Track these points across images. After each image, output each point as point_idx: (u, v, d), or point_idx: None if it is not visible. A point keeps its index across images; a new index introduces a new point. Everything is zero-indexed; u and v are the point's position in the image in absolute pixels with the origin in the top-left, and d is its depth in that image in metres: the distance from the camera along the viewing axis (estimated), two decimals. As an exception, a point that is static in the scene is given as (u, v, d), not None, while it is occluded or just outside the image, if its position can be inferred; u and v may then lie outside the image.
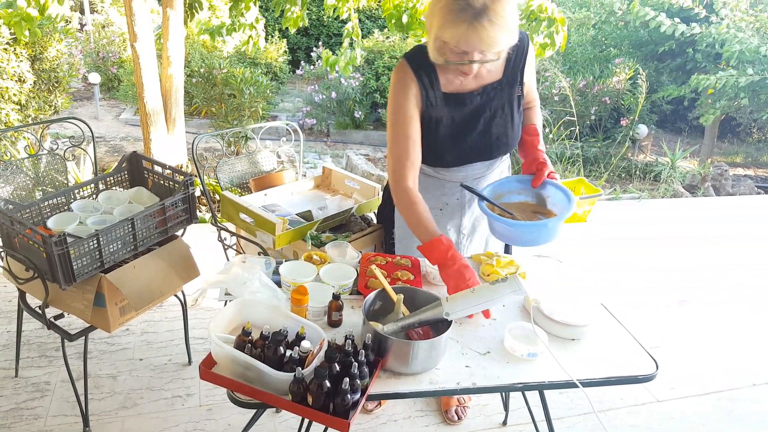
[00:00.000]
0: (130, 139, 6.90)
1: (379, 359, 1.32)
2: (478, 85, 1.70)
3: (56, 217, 1.92)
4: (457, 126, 1.71)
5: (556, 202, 1.72)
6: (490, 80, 1.71)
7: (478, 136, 1.74)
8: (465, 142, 1.73)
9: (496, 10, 1.41)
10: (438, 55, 1.55)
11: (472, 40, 1.45)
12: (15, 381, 2.29)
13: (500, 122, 1.75)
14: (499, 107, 1.74)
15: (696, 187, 6.29)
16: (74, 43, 8.20)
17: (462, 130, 1.72)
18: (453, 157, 1.77)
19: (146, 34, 3.67)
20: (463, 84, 1.69)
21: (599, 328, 1.57)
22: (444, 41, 1.49)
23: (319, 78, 8.62)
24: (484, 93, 1.71)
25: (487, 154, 1.79)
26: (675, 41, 7.49)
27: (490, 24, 1.42)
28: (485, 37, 1.44)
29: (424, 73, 1.64)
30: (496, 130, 1.75)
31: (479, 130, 1.73)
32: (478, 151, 1.77)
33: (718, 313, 3.29)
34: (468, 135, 1.73)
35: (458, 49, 1.49)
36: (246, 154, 2.68)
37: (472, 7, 1.41)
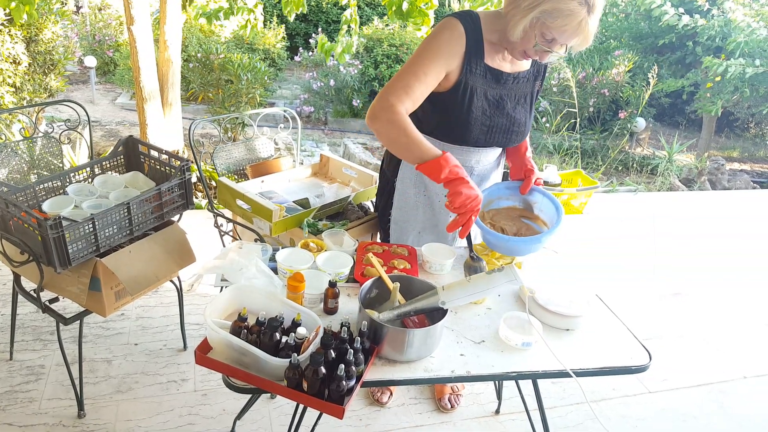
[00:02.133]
0: (126, 123, 6.86)
1: (374, 347, 1.33)
2: (513, 70, 1.72)
3: (51, 201, 1.91)
4: (489, 102, 1.71)
5: (542, 208, 1.80)
6: (521, 68, 1.74)
7: (505, 118, 1.75)
8: (492, 120, 1.73)
9: (598, 10, 1.48)
10: (525, 35, 1.53)
11: (577, 33, 1.48)
12: (9, 364, 2.29)
13: (522, 110, 1.79)
14: (523, 96, 1.78)
15: (692, 181, 6.31)
16: (70, 25, 8.13)
17: (492, 107, 1.72)
18: (479, 134, 1.73)
19: (143, 18, 3.63)
20: (500, 65, 1.69)
21: (593, 319, 1.58)
22: (548, 26, 1.48)
23: (318, 65, 8.57)
24: (517, 79, 1.73)
25: (507, 139, 1.80)
26: (675, 34, 7.47)
27: (593, 22, 1.48)
28: (587, 34, 1.49)
29: (473, 38, 1.62)
30: (519, 116, 1.78)
31: (507, 113, 1.75)
32: (502, 133, 1.78)
33: (712, 306, 3.31)
34: (497, 114, 1.73)
35: (552, 36, 1.50)
36: (243, 141, 2.67)
37: (589, 3, 1.44)
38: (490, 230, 1.70)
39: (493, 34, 1.64)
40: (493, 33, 1.63)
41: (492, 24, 1.63)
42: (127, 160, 2.20)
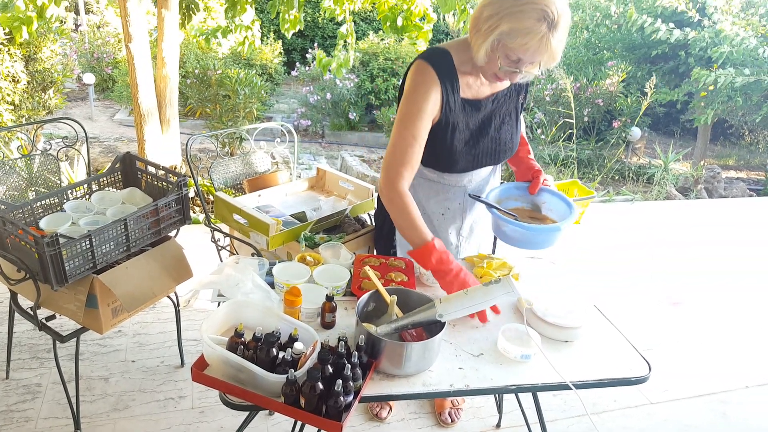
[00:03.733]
0: (124, 139, 6.88)
1: (372, 361, 1.32)
2: (492, 91, 1.72)
3: (49, 218, 1.91)
4: (470, 131, 1.72)
5: (551, 207, 1.81)
6: (501, 87, 1.73)
7: (489, 141, 1.75)
8: (477, 147, 1.74)
9: (563, 25, 1.44)
10: (489, 59, 1.53)
11: (540, 50, 1.44)
12: (6, 383, 2.27)
13: (508, 128, 1.79)
14: (507, 113, 1.78)
15: (689, 189, 6.33)
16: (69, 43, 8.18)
17: (475, 136, 1.73)
18: (465, 163, 1.76)
19: (141, 35, 3.66)
20: (479, 90, 1.69)
21: (592, 330, 1.57)
22: (509, 47, 1.46)
23: (315, 79, 8.62)
24: (496, 99, 1.73)
25: (495, 159, 1.81)
26: (668, 44, 7.54)
27: (558, 38, 1.44)
28: (553, 51, 1.45)
29: (447, 78, 1.62)
30: (505, 135, 1.78)
31: (491, 136, 1.75)
32: (488, 156, 1.78)
33: (711, 314, 3.31)
34: (481, 140, 1.74)
35: (516, 57, 1.48)
36: (240, 155, 2.68)
37: (548, 19, 1.41)
38: (515, 221, 1.69)
39: (466, 64, 1.63)
40: (466, 63, 1.63)
41: (463, 54, 1.62)
42: (125, 177, 2.21)
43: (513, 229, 1.70)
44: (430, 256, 1.55)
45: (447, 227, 1.90)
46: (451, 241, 1.92)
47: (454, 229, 1.92)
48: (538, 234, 1.71)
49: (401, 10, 4.21)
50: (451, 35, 10.40)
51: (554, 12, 1.41)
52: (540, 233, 1.71)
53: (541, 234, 1.71)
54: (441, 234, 1.91)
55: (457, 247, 1.96)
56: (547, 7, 1.40)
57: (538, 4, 1.40)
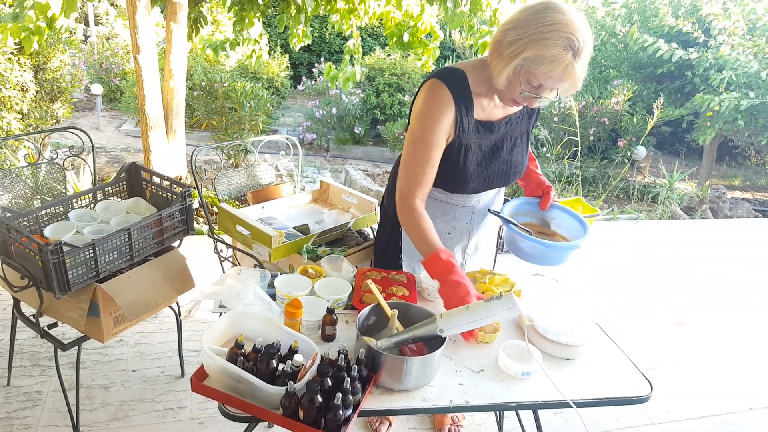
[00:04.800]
0: (130, 150, 6.92)
1: (372, 375, 1.32)
2: (505, 114, 1.72)
3: (53, 226, 1.92)
4: (483, 153, 1.72)
5: (560, 223, 1.83)
6: (515, 110, 1.73)
7: (501, 164, 1.76)
8: (489, 169, 1.74)
9: (586, 54, 1.44)
10: (510, 83, 1.51)
11: (564, 78, 1.44)
12: (7, 390, 2.27)
13: (519, 150, 1.79)
14: (519, 136, 1.78)
15: (694, 209, 6.31)
16: (78, 54, 8.28)
17: (488, 157, 1.73)
18: (477, 184, 1.76)
19: (149, 47, 3.70)
20: (492, 112, 1.69)
21: (594, 349, 1.57)
22: (533, 73, 1.45)
23: (320, 93, 8.68)
24: (509, 122, 1.73)
25: (505, 180, 1.82)
26: (674, 64, 7.58)
27: (581, 66, 1.44)
28: (576, 79, 1.45)
29: (461, 99, 1.61)
30: (516, 158, 1.78)
31: (503, 158, 1.75)
32: (499, 178, 1.79)
33: (715, 335, 3.28)
34: (493, 162, 1.74)
35: (538, 83, 1.47)
36: (245, 167, 2.69)
37: (573, 48, 1.40)
38: (530, 237, 1.68)
39: (481, 86, 1.63)
40: (481, 85, 1.63)
41: (479, 75, 1.62)
42: (130, 186, 2.22)
43: (531, 245, 1.70)
44: (435, 266, 1.55)
45: (453, 246, 1.91)
46: (457, 259, 1.92)
47: (460, 248, 1.92)
48: (555, 251, 1.70)
49: (408, 26, 4.25)
50: (457, 52, 10.47)
51: (579, 40, 1.40)
52: (558, 250, 1.71)
53: (558, 251, 1.71)
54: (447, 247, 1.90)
55: (462, 265, 1.96)
56: (573, 35, 1.40)
57: (564, 32, 1.40)
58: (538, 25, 1.41)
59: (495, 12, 4.03)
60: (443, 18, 3.92)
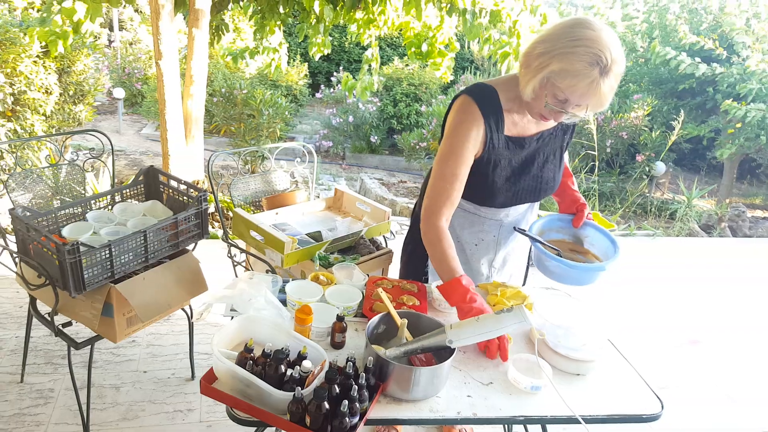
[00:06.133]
0: (149, 153, 7.02)
1: (380, 383, 1.32)
2: (538, 130, 1.70)
3: (71, 226, 1.96)
4: (513, 168, 1.71)
5: (593, 242, 1.81)
6: (547, 126, 1.71)
7: (531, 180, 1.74)
8: (518, 185, 1.73)
9: (615, 72, 1.42)
10: (536, 95, 1.52)
11: (589, 94, 1.43)
12: (20, 386, 2.30)
13: (551, 167, 1.77)
14: (552, 152, 1.76)
15: (712, 227, 6.22)
16: (102, 58, 8.44)
17: (517, 173, 1.72)
18: (505, 199, 1.75)
19: (171, 53, 3.76)
20: (525, 128, 1.68)
21: (605, 365, 1.55)
22: (558, 86, 1.45)
23: (338, 102, 8.75)
24: (541, 138, 1.72)
25: (536, 196, 1.80)
26: (695, 80, 7.51)
27: (608, 84, 1.42)
28: (602, 96, 1.43)
29: (492, 116, 1.61)
30: (547, 174, 1.77)
31: (533, 174, 1.74)
32: (529, 194, 1.78)
33: (731, 355, 3.22)
34: (522, 177, 1.73)
35: (564, 97, 1.46)
36: (261, 173, 2.72)
37: (600, 64, 1.39)
38: (554, 256, 1.68)
39: (513, 102, 1.63)
40: (513, 101, 1.63)
41: (510, 91, 1.62)
42: (147, 189, 2.25)
43: (556, 264, 1.69)
44: (455, 292, 1.54)
45: (479, 258, 1.89)
46: (482, 272, 1.91)
47: (487, 260, 1.90)
48: (581, 272, 1.69)
49: (426, 36, 4.28)
50: (475, 63, 10.49)
51: (608, 58, 1.39)
52: (584, 272, 1.69)
53: (584, 272, 1.70)
54: (473, 264, 1.89)
55: (488, 277, 1.94)
56: (602, 51, 1.38)
57: (592, 47, 1.38)
58: (567, 40, 1.41)
59: (515, 23, 4.04)
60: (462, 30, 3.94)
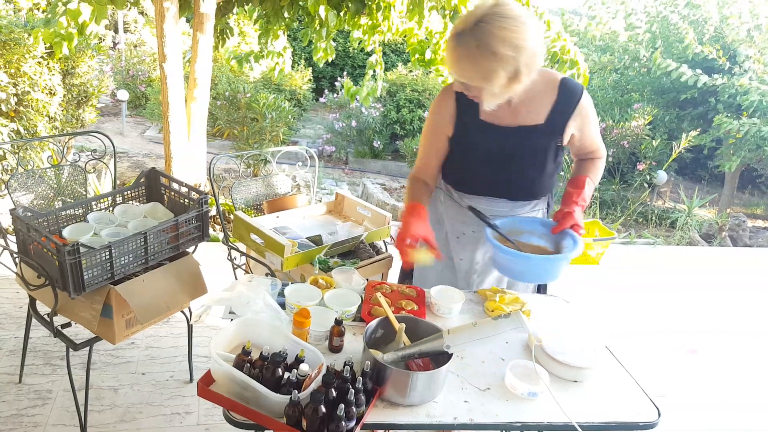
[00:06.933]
0: (152, 155, 7.04)
1: (377, 388, 1.32)
2: (515, 123, 1.70)
3: (72, 227, 1.96)
4: (490, 156, 1.73)
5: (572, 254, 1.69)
6: (529, 122, 1.69)
7: (506, 174, 1.76)
8: (493, 175, 1.76)
9: (466, 43, 1.46)
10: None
11: (452, 63, 1.52)
12: (18, 387, 2.30)
13: (531, 167, 1.75)
14: (534, 152, 1.73)
15: (713, 236, 6.22)
16: (106, 60, 8.47)
17: (494, 163, 1.74)
18: (481, 187, 1.80)
19: (175, 56, 3.78)
20: (500, 117, 1.69)
21: (602, 372, 1.55)
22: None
23: (342, 107, 8.77)
24: (520, 133, 1.70)
25: (510, 194, 1.81)
26: (697, 90, 7.52)
27: (455, 49, 1.49)
28: (448, 56, 1.52)
29: (465, 99, 1.66)
30: (526, 173, 1.76)
31: (509, 169, 1.75)
32: (503, 188, 1.79)
33: (730, 364, 3.21)
34: (499, 170, 1.75)
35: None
36: (262, 177, 2.73)
37: (457, 28, 1.48)
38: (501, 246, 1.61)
39: None
40: None
41: None
42: (149, 191, 2.26)
43: (501, 255, 1.63)
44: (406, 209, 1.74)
45: (460, 251, 1.91)
46: (462, 268, 1.92)
47: (467, 257, 1.92)
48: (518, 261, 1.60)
49: (429, 43, 4.29)
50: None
51: (460, 26, 1.46)
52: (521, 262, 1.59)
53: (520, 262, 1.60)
54: (455, 260, 1.92)
55: (468, 274, 1.93)
56: (462, 22, 1.47)
57: (459, 21, 1.48)
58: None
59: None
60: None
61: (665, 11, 8.22)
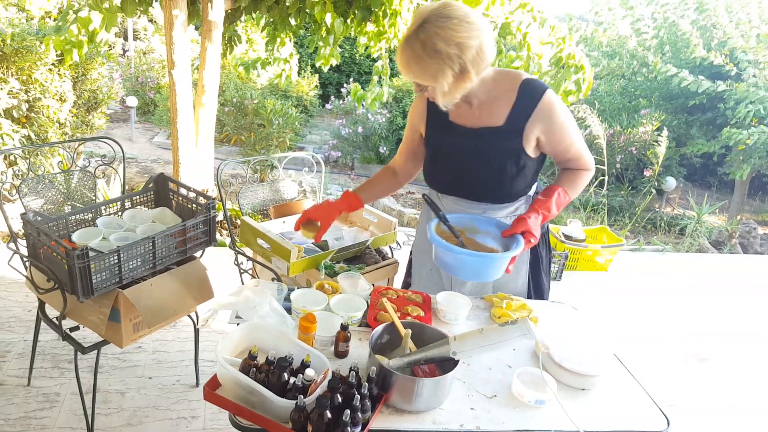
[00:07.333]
0: (160, 161, 7.09)
1: (382, 394, 1.31)
2: (477, 125, 1.70)
3: (81, 232, 1.98)
4: (457, 157, 1.76)
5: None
6: (488, 123, 1.68)
7: (469, 175, 1.77)
8: (459, 175, 1.79)
9: (411, 44, 1.48)
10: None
11: (400, 63, 1.55)
12: (27, 390, 2.32)
13: (491, 169, 1.73)
14: (495, 154, 1.71)
15: (723, 243, 6.17)
16: (115, 67, 8.55)
17: (461, 164, 1.76)
18: (451, 187, 1.84)
19: (184, 63, 3.81)
20: (464, 118, 1.71)
21: (610, 380, 1.54)
22: None
23: (348, 113, 8.79)
24: (480, 134, 1.70)
25: (474, 195, 1.81)
26: (706, 95, 7.49)
27: (403, 50, 1.51)
28: (398, 57, 1.55)
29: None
30: (487, 175, 1.74)
31: (471, 170, 1.76)
32: (467, 189, 1.81)
33: (741, 373, 3.18)
34: (465, 170, 1.77)
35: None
36: (269, 182, 2.74)
37: (407, 38, 1.50)
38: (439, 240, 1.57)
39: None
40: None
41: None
42: (157, 196, 2.28)
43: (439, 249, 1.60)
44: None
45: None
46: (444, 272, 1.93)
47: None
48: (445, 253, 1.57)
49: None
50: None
51: (409, 28, 1.50)
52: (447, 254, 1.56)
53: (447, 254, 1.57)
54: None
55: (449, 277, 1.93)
56: (409, 26, 1.51)
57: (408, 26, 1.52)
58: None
59: (525, 36, 4.06)
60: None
61: (673, 16, 8.20)
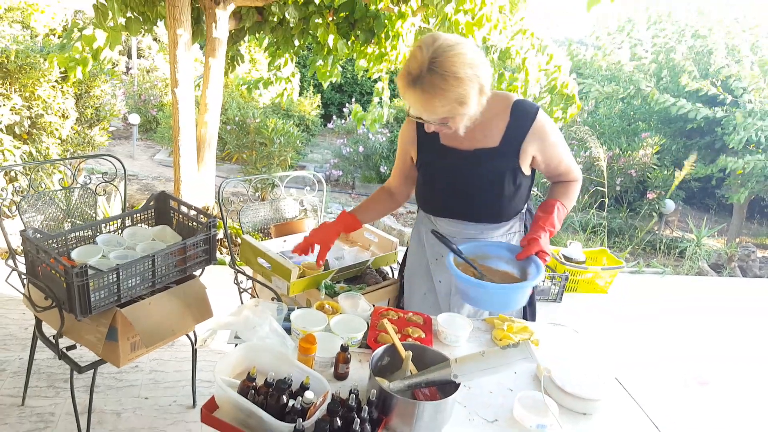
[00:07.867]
0: (162, 179, 7.10)
1: (382, 417, 1.30)
2: (471, 146, 1.73)
3: (80, 249, 1.97)
4: (452, 179, 1.78)
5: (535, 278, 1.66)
6: (484, 145, 1.72)
7: (465, 196, 1.79)
8: (454, 197, 1.80)
9: (430, 81, 1.50)
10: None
11: (410, 102, 1.58)
12: (20, 410, 2.29)
13: (489, 189, 1.76)
14: (492, 175, 1.74)
15: (722, 266, 6.16)
16: (118, 84, 8.62)
17: (456, 186, 1.78)
18: (446, 209, 1.86)
19: (187, 81, 3.84)
20: (460, 141, 1.73)
21: (612, 404, 1.52)
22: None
23: (349, 132, 8.85)
24: (476, 156, 1.73)
25: (471, 217, 1.83)
26: (704, 120, 7.55)
27: (423, 92, 1.52)
28: (416, 102, 1.56)
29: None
30: (484, 196, 1.78)
31: (468, 192, 1.78)
32: (464, 211, 1.82)
33: (742, 397, 3.15)
34: (460, 192, 1.79)
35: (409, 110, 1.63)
36: (270, 201, 2.74)
37: (410, 75, 1.52)
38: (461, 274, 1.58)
39: None
40: None
41: None
42: (158, 214, 2.27)
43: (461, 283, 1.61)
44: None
45: (438, 274, 1.93)
46: (441, 290, 1.93)
47: (444, 279, 1.92)
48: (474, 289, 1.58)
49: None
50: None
51: (415, 70, 1.50)
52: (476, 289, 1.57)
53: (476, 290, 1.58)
54: (435, 281, 1.94)
55: (448, 296, 1.93)
56: (408, 65, 1.53)
57: (407, 64, 1.54)
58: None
59: (524, 61, 4.10)
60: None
61: (672, 41, 8.30)
